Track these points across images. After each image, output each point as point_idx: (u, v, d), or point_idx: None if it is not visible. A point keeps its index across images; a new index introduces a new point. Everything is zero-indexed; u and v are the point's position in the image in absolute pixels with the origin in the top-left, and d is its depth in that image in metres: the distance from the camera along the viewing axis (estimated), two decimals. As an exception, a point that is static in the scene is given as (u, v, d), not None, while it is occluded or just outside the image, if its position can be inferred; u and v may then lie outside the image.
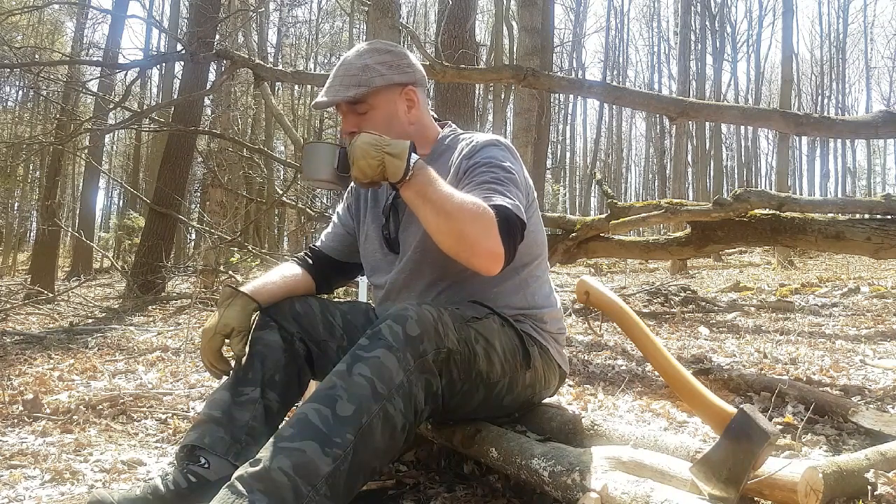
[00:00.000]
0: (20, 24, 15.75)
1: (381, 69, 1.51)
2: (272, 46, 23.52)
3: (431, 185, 1.30)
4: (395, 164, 1.28)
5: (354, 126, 1.50)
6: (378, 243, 1.62)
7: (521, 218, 1.36)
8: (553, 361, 1.60)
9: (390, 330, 1.23)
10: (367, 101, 1.50)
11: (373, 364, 1.19)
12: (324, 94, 1.52)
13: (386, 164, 1.28)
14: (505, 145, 1.51)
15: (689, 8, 18.72)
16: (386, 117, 1.52)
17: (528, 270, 1.57)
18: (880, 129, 3.79)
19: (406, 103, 1.55)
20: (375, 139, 1.30)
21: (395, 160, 1.28)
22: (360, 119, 1.51)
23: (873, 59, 34.91)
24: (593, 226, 4.75)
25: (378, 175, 1.30)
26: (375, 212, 1.65)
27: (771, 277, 10.26)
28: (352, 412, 1.14)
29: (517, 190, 1.41)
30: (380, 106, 1.51)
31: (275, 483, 1.07)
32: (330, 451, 1.11)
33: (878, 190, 29.66)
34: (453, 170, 1.49)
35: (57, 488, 1.61)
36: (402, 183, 1.29)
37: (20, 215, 21.68)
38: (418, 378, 1.23)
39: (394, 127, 1.50)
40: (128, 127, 7.35)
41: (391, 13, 4.56)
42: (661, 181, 24.12)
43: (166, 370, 3.20)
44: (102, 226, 26.16)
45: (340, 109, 1.54)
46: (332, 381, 1.19)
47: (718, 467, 1.13)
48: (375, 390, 1.17)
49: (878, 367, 2.98)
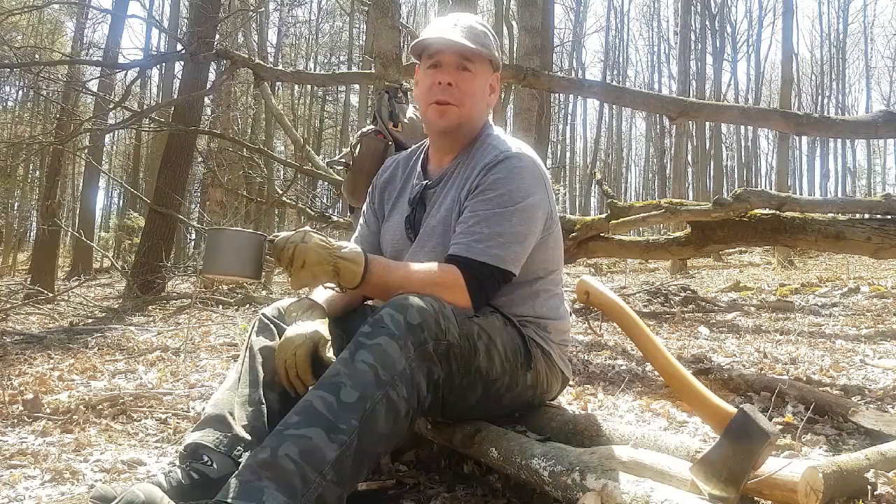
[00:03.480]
0: (20, 24, 15.75)
1: (495, 45, 1.53)
2: (272, 46, 23.50)
3: (389, 274, 1.36)
4: (352, 270, 1.32)
5: (453, 79, 1.47)
6: (400, 233, 1.62)
7: (502, 270, 1.41)
8: (556, 366, 1.60)
9: (392, 318, 1.24)
10: (475, 64, 1.49)
11: (375, 351, 1.20)
12: (446, 35, 1.46)
13: (340, 270, 1.31)
14: (525, 162, 1.49)
15: (689, 8, 18.73)
16: (481, 86, 1.52)
17: (540, 283, 1.57)
18: (880, 129, 3.80)
19: (490, 87, 1.56)
20: (325, 242, 1.31)
21: (351, 265, 1.32)
22: (462, 77, 1.48)
23: (873, 59, 34.93)
24: (593, 226, 4.74)
25: (328, 280, 1.33)
26: (401, 201, 1.65)
27: (771, 277, 10.25)
28: (356, 398, 1.16)
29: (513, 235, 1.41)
30: (479, 75, 1.51)
31: (283, 470, 1.08)
32: (335, 437, 1.12)
33: (878, 190, 29.60)
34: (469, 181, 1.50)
35: (57, 488, 1.61)
36: (359, 286, 1.34)
37: (20, 215, 21.69)
38: (420, 365, 1.24)
39: (479, 100, 1.52)
40: (128, 127, 7.36)
41: (391, 13, 4.55)
42: (661, 181, 24.13)
43: (166, 370, 3.20)
44: (102, 226, 26.15)
45: (442, 59, 1.48)
46: (336, 369, 1.20)
47: (718, 467, 1.13)
48: (378, 377, 1.18)
49: (878, 367, 2.98)
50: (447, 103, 1.49)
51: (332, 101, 28.58)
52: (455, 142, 1.57)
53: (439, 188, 1.57)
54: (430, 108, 1.51)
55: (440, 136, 1.58)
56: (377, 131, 2.65)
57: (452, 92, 1.48)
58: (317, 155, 11.00)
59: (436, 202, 1.56)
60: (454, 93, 1.49)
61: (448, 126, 1.52)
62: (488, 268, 1.40)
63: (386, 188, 1.72)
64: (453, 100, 1.49)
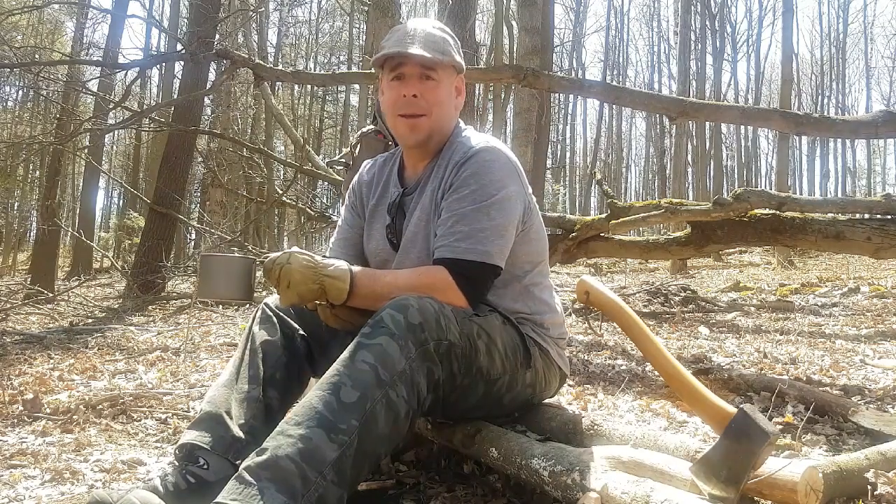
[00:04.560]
0: (20, 24, 15.75)
1: (455, 48, 1.54)
2: (272, 46, 23.52)
3: (376, 283, 1.38)
4: (338, 287, 1.33)
5: (417, 91, 1.48)
6: (383, 243, 1.62)
7: (490, 265, 1.41)
8: (554, 363, 1.61)
9: (392, 318, 1.24)
10: (438, 72, 1.50)
11: (375, 351, 1.20)
12: (404, 48, 1.46)
13: (326, 288, 1.33)
14: (496, 155, 1.48)
15: (689, 8, 18.73)
16: (447, 93, 1.53)
17: (529, 277, 1.58)
18: (880, 129, 3.79)
19: (456, 89, 1.58)
20: (310, 262, 1.32)
21: (337, 282, 1.33)
22: (426, 86, 1.49)
23: (873, 59, 34.93)
24: (593, 226, 4.74)
25: (315, 298, 1.34)
26: (380, 210, 1.65)
27: (771, 277, 10.25)
28: (356, 398, 1.16)
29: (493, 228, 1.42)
30: (443, 81, 1.52)
31: (283, 470, 1.08)
32: (335, 437, 1.12)
33: (878, 190, 29.60)
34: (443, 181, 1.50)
35: (57, 488, 1.61)
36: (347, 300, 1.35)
37: (20, 215, 21.69)
38: (420, 366, 1.24)
39: (446, 106, 1.53)
40: (128, 127, 7.36)
41: (391, 13, 4.56)
42: (661, 181, 24.14)
43: (166, 370, 3.20)
44: (102, 226, 26.18)
45: (405, 71, 1.49)
46: (336, 369, 1.20)
47: (718, 467, 1.13)
48: (378, 377, 1.18)
49: (878, 367, 2.98)
50: (415, 115, 1.49)
51: (332, 101, 28.58)
52: (428, 150, 1.58)
53: (416, 194, 1.57)
54: (399, 122, 1.52)
55: (413, 148, 1.59)
56: (377, 131, 2.66)
57: (418, 103, 1.49)
58: (317, 155, 11.01)
59: (414, 209, 1.55)
60: (420, 103, 1.49)
61: (419, 139, 1.53)
62: (475, 265, 1.41)
63: (364, 192, 1.71)
64: (420, 110, 1.49)
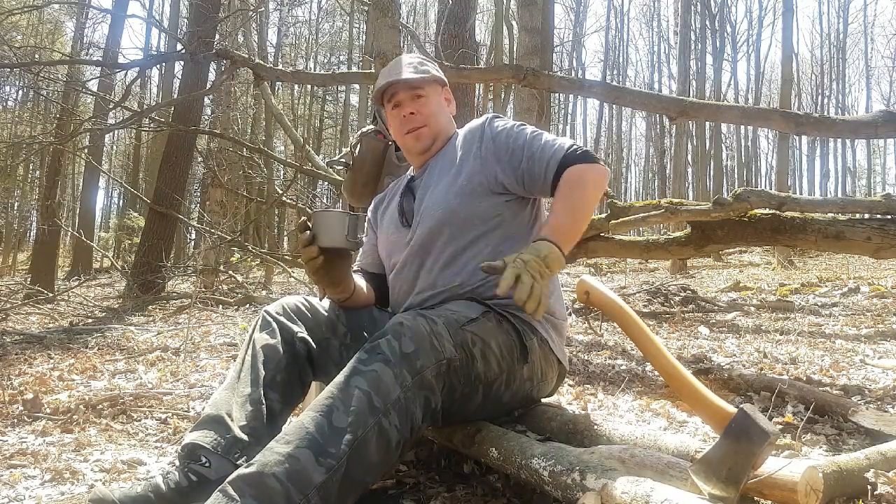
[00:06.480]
0: (20, 24, 15.75)
1: (433, 67, 1.77)
2: (272, 46, 23.50)
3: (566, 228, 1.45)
4: (560, 262, 1.38)
5: (413, 109, 1.70)
6: (395, 223, 1.71)
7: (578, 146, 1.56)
8: (552, 354, 1.61)
9: (388, 344, 1.26)
10: (425, 88, 1.71)
11: (370, 378, 1.21)
12: (397, 76, 1.69)
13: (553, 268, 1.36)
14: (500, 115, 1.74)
15: (689, 8, 18.74)
16: (437, 105, 1.74)
17: None
18: (880, 129, 3.78)
19: (446, 100, 1.78)
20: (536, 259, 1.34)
21: (557, 263, 1.37)
22: (419, 104, 1.70)
23: (873, 59, 34.94)
24: (593, 225, 4.73)
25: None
26: (391, 206, 1.78)
27: (771, 277, 10.25)
28: (347, 423, 1.16)
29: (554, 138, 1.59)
30: (432, 95, 1.73)
31: (267, 489, 1.08)
32: (324, 460, 1.12)
33: (878, 190, 29.60)
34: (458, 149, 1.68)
35: (57, 488, 1.61)
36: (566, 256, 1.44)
37: (20, 215, 21.67)
38: (416, 395, 1.24)
39: (441, 114, 1.74)
40: (128, 127, 7.36)
41: (391, 13, 4.56)
42: (661, 181, 24.12)
43: (166, 370, 3.20)
44: (102, 226, 26.19)
45: (399, 98, 1.71)
46: (330, 392, 1.21)
47: (718, 467, 1.13)
48: (372, 404, 1.19)
49: (878, 367, 2.98)
50: (416, 128, 1.70)
51: (332, 101, 28.58)
52: (433, 152, 1.75)
53: (425, 176, 1.72)
54: (406, 138, 1.72)
55: (421, 154, 1.75)
56: (377, 131, 2.65)
57: (416, 118, 1.70)
58: (317, 155, 11.01)
59: (428, 185, 1.68)
60: (418, 118, 1.70)
61: (425, 144, 1.72)
62: (575, 147, 1.54)
63: (378, 207, 1.87)
64: (419, 123, 1.70)
